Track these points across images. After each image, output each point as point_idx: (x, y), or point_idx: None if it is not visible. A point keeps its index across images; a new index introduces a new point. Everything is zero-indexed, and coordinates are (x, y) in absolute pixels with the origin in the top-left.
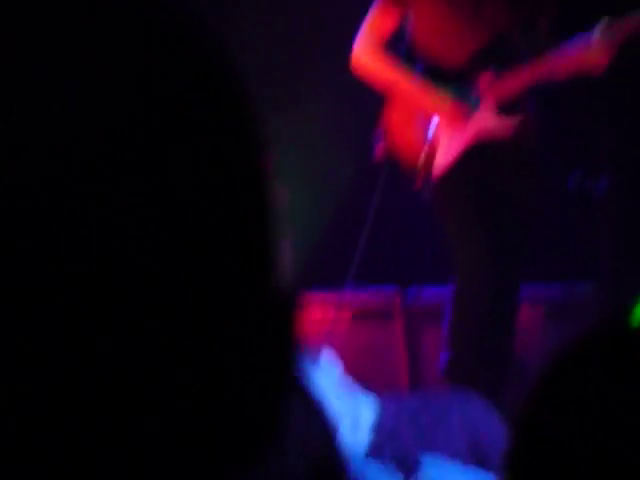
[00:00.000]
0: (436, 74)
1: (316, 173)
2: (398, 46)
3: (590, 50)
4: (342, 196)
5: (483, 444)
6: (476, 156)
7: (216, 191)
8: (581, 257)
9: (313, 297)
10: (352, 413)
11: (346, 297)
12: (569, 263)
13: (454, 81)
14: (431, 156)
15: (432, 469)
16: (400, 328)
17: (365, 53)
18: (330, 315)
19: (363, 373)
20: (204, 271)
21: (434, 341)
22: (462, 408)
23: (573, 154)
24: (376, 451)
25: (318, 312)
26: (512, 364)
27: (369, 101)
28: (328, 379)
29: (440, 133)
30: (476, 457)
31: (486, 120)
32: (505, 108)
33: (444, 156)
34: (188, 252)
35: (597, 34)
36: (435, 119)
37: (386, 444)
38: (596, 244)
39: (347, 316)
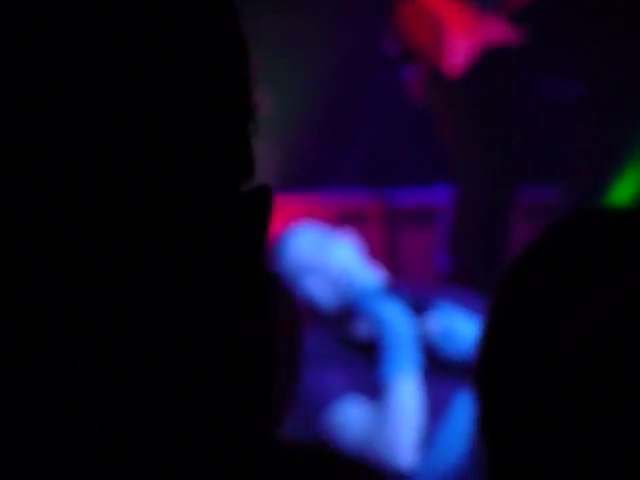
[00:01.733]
0: None
1: (303, 71)
2: None
3: None
4: (326, 95)
5: None
6: (488, 60)
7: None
8: (551, 159)
9: (291, 198)
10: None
11: (325, 198)
12: (542, 165)
13: None
14: (441, 53)
15: (443, 313)
16: (379, 230)
17: None
18: (308, 216)
19: None
20: (178, 168)
21: (416, 244)
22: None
23: (546, 60)
24: (392, 291)
25: (296, 213)
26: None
27: None
28: (346, 250)
29: (452, 32)
30: None
31: (498, 25)
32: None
33: (456, 56)
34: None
35: None
36: (447, 17)
37: (404, 287)
38: (567, 147)
39: (325, 217)
